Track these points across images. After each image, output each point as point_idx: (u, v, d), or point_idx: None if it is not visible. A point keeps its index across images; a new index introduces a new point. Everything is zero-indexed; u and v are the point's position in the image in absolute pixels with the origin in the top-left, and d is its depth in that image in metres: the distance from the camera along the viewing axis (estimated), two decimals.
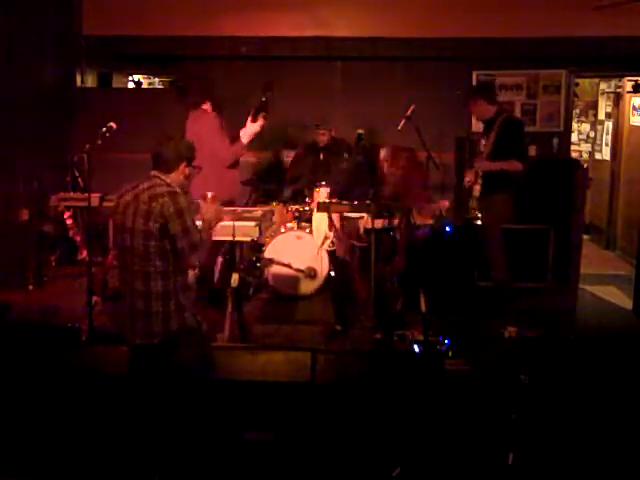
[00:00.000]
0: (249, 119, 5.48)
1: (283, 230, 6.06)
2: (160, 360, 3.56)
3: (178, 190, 3.52)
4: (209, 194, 3.82)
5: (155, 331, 3.48)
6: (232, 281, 4.73)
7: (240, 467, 3.84)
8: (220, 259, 5.57)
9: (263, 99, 5.42)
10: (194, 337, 3.63)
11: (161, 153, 3.55)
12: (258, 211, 5.05)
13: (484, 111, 5.48)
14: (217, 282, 5.62)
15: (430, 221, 5.15)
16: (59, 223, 6.24)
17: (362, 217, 5.29)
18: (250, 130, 5.46)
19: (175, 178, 3.57)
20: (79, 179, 6.82)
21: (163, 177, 3.54)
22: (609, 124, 8.66)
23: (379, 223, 5.09)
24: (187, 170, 3.62)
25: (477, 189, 5.43)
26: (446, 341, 4.80)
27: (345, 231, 5.15)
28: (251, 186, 6.61)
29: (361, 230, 5.04)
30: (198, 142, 5.48)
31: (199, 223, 3.67)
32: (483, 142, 5.55)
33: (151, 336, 3.49)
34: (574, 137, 9.07)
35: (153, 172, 3.57)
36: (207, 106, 5.53)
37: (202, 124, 5.44)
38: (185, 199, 3.50)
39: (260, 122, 5.44)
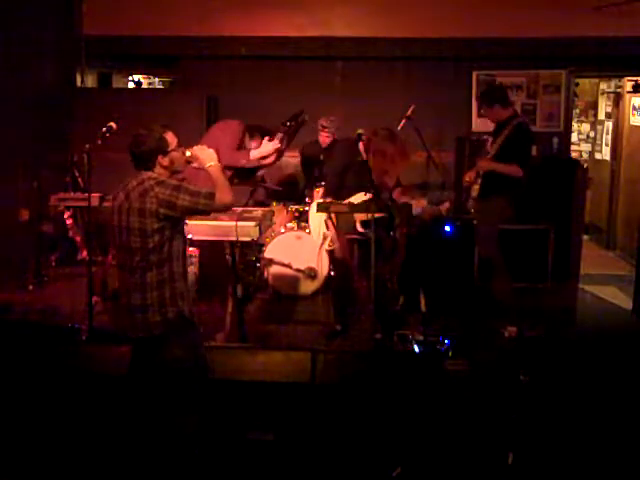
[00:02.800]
0: (266, 138, 5.49)
1: (283, 230, 6.06)
2: (161, 352, 3.55)
3: (164, 178, 3.49)
4: (187, 152, 3.67)
5: (152, 322, 3.46)
6: (237, 293, 4.75)
7: (240, 466, 3.84)
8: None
9: (287, 124, 5.41)
10: (190, 329, 3.63)
11: (134, 155, 3.52)
12: (258, 211, 5.05)
13: (499, 115, 5.45)
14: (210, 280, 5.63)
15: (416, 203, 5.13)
16: (59, 223, 6.24)
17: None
18: (264, 149, 5.46)
19: (159, 172, 3.53)
20: (79, 179, 6.81)
21: (149, 173, 3.52)
22: (609, 124, 8.66)
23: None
24: (166, 160, 3.51)
25: (475, 189, 5.43)
26: (446, 341, 4.80)
27: (340, 228, 5.12)
28: (252, 187, 6.60)
29: (357, 224, 5.03)
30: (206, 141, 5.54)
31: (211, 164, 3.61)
32: (490, 141, 5.54)
33: (149, 328, 3.48)
34: (574, 137, 9.07)
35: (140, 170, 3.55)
36: (252, 143, 5.57)
37: (224, 129, 5.50)
38: (171, 180, 3.48)
39: (276, 145, 5.43)
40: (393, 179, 5.19)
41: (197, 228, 4.50)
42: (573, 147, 8.93)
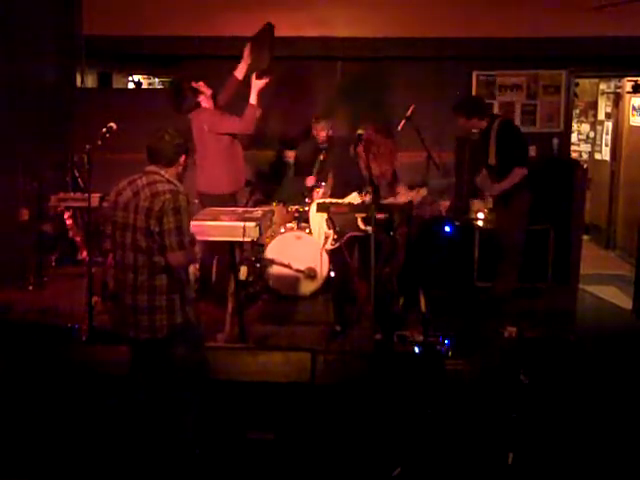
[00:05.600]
0: (253, 77, 5.45)
1: (283, 230, 6.07)
2: (163, 354, 3.55)
3: (180, 188, 3.49)
4: None
5: (158, 325, 3.46)
6: (240, 274, 4.74)
7: (240, 466, 3.84)
8: (216, 260, 5.57)
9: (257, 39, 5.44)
10: (194, 333, 3.63)
11: (160, 147, 3.49)
12: (258, 211, 5.05)
13: (478, 125, 5.53)
14: (215, 282, 5.63)
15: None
16: (59, 223, 6.24)
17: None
18: (256, 86, 5.41)
19: (174, 171, 3.54)
20: (79, 179, 6.82)
21: (162, 172, 3.49)
22: (609, 124, 8.66)
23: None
24: (185, 161, 3.59)
25: (490, 201, 5.48)
26: (446, 341, 4.80)
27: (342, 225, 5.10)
28: (252, 186, 6.61)
29: (359, 221, 5.03)
30: (200, 138, 5.51)
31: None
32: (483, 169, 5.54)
33: (155, 330, 3.47)
34: (574, 137, 9.06)
35: (150, 167, 3.52)
36: (205, 103, 5.53)
37: (202, 119, 5.46)
38: (185, 199, 3.46)
39: (265, 79, 5.41)
40: (389, 175, 5.17)
41: (198, 228, 4.50)
42: (573, 147, 8.93)
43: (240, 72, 5.66)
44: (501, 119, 5.56)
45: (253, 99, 5.41)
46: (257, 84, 5.40)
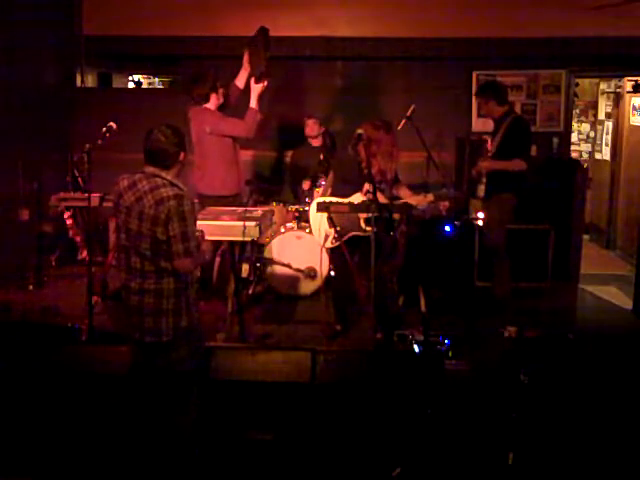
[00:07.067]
0: (252, 81, 5.46)
1: (283, 230, 6.06)
2: (165, 357, 3.54)
3: (184, 190, 3.41)
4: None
5: (164, 328, 3.43)
6: (242, 271, 4.74)
7: (240, 466, 3.84)
8: (218, 259, 5.57)
9: (253, 44, 5.43)
10: (196, 336, 3.63)
11: (159, 150, 3.38)
12: (258, 211, 5.05)
13: (494, 110, 5.56)
14: (215, 282, 5.63)
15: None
16: (59, 223, 6.24)
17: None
18: (255, 90, 5.42)
19: (175, 171, 3.44)
20: (79, 179, 6.82)
21: (163, 174, 3.39)
22: (609, 124, 8.66)
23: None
24: (185, 158, 3.50)
25: (481, 189, 5.47)
26: (446, 341, 4.80)
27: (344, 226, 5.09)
28: (251, 186, 6.60)
29: (361, 222, 5.02)
30: (200, 139, 5.52)
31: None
32: (489, 141, 5.58)
33: (160, 333, 3.44)
34: (574, 137, 9.07)
35: (150, 169, 3.41)
36: (210, 104, 5.53)
37: (203, 120, 5.45)
38: (189, 202, 3.38)
39: (263, 82, 5.41)
40: (392, 171, 5.16)
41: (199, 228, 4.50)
42: (573, 147, 8.93)
43: (241, 81, 5.68)
44: (515, 115, 5.60)
45: (253, 103, 5.43)
46: (256, 88, 5.42)
